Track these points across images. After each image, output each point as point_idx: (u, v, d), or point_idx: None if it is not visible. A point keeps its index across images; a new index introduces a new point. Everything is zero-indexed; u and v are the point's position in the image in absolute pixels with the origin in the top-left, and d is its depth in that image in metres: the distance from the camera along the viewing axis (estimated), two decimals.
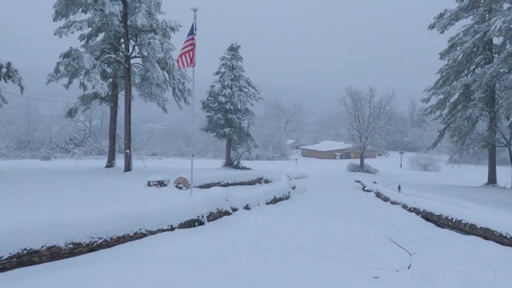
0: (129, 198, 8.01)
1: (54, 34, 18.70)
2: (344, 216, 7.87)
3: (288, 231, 5.95)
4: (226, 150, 33.43)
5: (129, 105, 19.77)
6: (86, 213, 4.38)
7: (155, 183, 10.27)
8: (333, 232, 6.16)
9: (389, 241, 4.89)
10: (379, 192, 11.96)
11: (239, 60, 32.88)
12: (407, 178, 34.90)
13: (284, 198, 9.60)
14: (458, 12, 26.61)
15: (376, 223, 7.25)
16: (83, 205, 6.81)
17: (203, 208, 5.98)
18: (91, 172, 18.34)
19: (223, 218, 6.49)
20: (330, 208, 9.09)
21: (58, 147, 53.58)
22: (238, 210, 7.04)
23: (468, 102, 26.50)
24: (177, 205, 5.57)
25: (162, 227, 5.10)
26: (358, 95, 41.82)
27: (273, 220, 6.68)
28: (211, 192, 6.51)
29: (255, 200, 7.85)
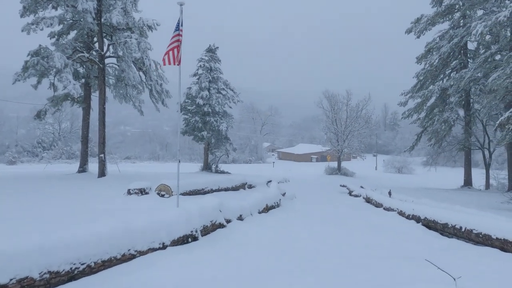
0: (111, 210, 7.25)
1: (22, 31, 17.45)
2: (342, 225, 7.42)
3: (290, 245, 5.41)
4: (204, 154, 32.60)
5: (104, 107, 18.75)
6: (65, 234, 3.68)
7: (136, 191, 9.50)
8: (338, 244, 5.67)
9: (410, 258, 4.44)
10: (369, 198, 11.62)
11: (217, 61, 32.17)
12: (385, 181, 35.22)
13: (276, 206, 9.07)
14: (434, 17, 27.03)
15: (377, 232, 6.84)
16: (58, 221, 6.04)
17: (196, 221, 5.36)
18: (62, 178, 17.19)
19: (217, 231, 5.88)
20: (324, 216, 8.63)
21: (25, 150, 50.90)
22: (232, 222, 6.45)
23: (445, 105, 26.95)
24: (168, 219, 4.93)
25: (153, 245, 4.45)
26: (335, 98, 42.00)
27: (270, 232, 6.13)
28: (204, 203, 5.88)
29: (248, 210, 7.28)
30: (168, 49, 7.69)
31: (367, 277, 3.70)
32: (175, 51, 7.71)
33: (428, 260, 3.47)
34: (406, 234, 6.63)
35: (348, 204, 11.47)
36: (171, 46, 7.68)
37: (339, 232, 6.60)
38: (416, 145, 29.73)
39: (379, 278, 3.64)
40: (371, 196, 11.44)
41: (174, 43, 7.66)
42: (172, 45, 7.69)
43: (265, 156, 73.00)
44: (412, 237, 6.39)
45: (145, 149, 63.14)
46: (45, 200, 9.06)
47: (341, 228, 7.08)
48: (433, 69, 27.04)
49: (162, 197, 10.10)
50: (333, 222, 7.75)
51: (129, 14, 18.89)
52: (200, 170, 32.46)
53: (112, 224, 4.15)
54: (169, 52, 7.60)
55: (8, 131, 56.86)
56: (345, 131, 40.61)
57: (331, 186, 21.24)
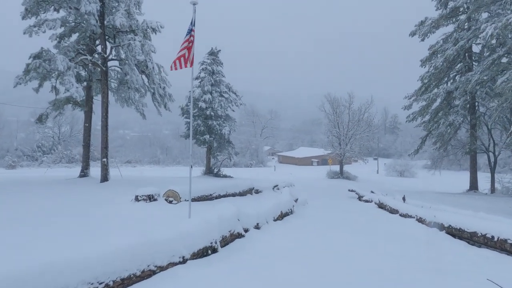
0: (122, 219, 6.91)
1: (24, 33, 17.19)
2: (362, 233, 7.09)
3: (315, 257, 5.08)
4: (206, 158, 32.27)
5: (107, 110, 18.43)
6: (81, 249, 3.35)
7: (144, 198, 9.15)
8: (365, 255, 5.34)
9: (449, 272, 4.12)
10: (382, 203, 11.28)
11: (219, 65, 31.93)
12: (387, 184, 34.85)
13: (289, 212, 8.74)
14: (439, 19, 26.83)
15: (400, 241, 6.51)
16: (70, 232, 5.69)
17: (215, 232, 5.03)
18: (65, 183, 16.83)
19: (235, 242, 5.55)
20: (341, 223, 8.30)
21: (25, 155, 50.44)
22: (249, 231, 6.11)
23: (450, 109, 26.71)
24: (187, 230, 4.60)
25: (173, 259, 4.11)
26: (337, 101, 41.75)
27: (291, 242, 5.80)
28: (221, 211, 5.55)
29: (264, 217, 6.95)
30: (180, 54, 7.37)
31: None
32: (185, 53, 7.39)
33: (491, 280, 3.14)
34: (432, 244, 6.30)
35: (361, 210, 11.12)
36: (183, 52, 7.36)
37: (361, 241, 6.27)
38: (420, 148, 29.44)
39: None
40: (384, 202, 11.10)
41: (186, 44, 7.35)
42: (183, 49, 7.38)
43: (265, 160, 72.61)
44: (439, 247, 6.06)
45: (146, 153, 62.71)
46: (50, 207, 8.71)
47: (362, 236, 6.75)
48: (438, 72, 26.78)
49: (170, 203, 9.76)
50: (352, 230, 7.42)
51: (132, 16, 18.64)
52: (202, 174, 32.12)
53: (130, 237, 3.82)
54: (180, 58, 7.27)
55: (8, 135, 56.40)
56: (347, 134, 40.36)
57: (337, 191, 20.91)
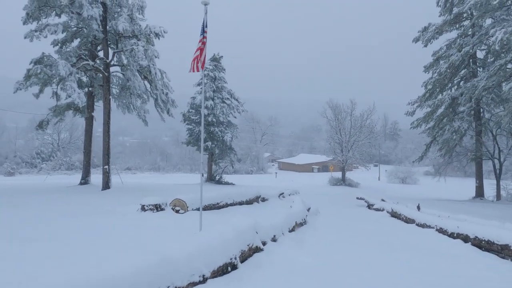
0: (131, 231, 6.51)
1: (25, 38, 16.88)
2: (382, 245, 6.71)
3: (341, 274, 4.69)
4: (208, 165, 31.89)
5: (109, 117, 18.08)
6: (93, 271, 2.97)
7: (151, 207, 8.75)
8: (394, 270, 4.96)
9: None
10: (396, 212, 10.88)
11: (221, 71, 31.72)
12: (390, 191, 34.47)
13: (303, 223, 8.36)
14: (442, 25, 26.66)
15: (425, 254, 6.13)
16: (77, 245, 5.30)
17: (234, 246, 4.65)
18: (65, 191, 16.41)
19: (254, 256, 5.17)
20: (357, 234, 7.92)
21: (24, 161, 49.94)
22: (267, 244, 5.73)
23: (454, 115, 26.44)
24: (205, 245, 4.22)
25: (193, 279, 3.73)
26: (339, 108, 41.54)
27: (312, 256, 5.42)
28: (239, 223, 5.17)
29: (280, 229, 6.57)
30: (196, 55, 7.06)
31: None
32: (197, 54, 7.08)
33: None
34: (461, 257, 5.92)
35: (374, 219, 10.74)
36: (197, 54, 7.06)
37: (383, 255, 5.89)
38: (425, 155, 29.13)
39: None
40: (398, 211, 10.70)
41: (199, 45, 7.04)
42: (197, 51, 7.07)
43: (266, 167, 72.20)
44: (471, 261, 5.68)
45: (145, 159, 62.26)
46: (52, 217, 8.32)
47: (384, 249, 6.37)
48: (442, 78, 26.53)
49: (177, 212, 9.37)
50: (371, 242, 7.04)
51: (135, 21, 18.37)
52: (204, 181, 31.75)
53: (147, 255, 3.45)
54: (196, 58, 6.97)
55: (7, 141, 55.95)
56: (349, 140, 40.08)
57: (343, 198, 20.52)
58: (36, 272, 3.66)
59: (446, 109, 26.53)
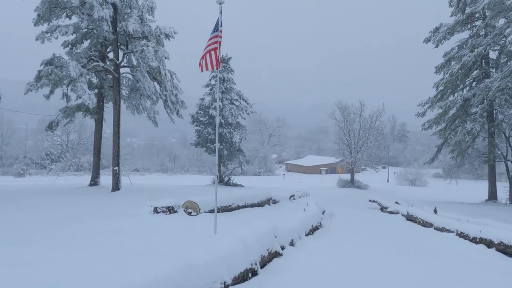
0: (146, 235, 6.37)
1: (36, 40, 16.95)
2: (403, 250, 6.51)
3: (366, 282, 4.49)
4: (216, 166, 31.74)
5: (119, 118, 18.05)
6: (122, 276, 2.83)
7: (164, 210, 8.62)
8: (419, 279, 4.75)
9: None
10: (412, 215, 10.63)
11: (230, 72, 31.61)
12: (400, 193, 34.08)
13: (319, 226, 8.16)
14: (454, 26, 26.32)
15: (449, 259, 5.91)
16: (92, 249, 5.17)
17: (254, 251, 4.49)
18: (75, 192, 16.39)
19: (273, 261, 4.99)
20: (375, 238, 7.70)
21: (33, 162, 50.30)
22: (285, 248, 5.56)
23: (466, 116, 26.03)
24: (225, 250, 4.05)
25: (215, 286, 3.57)
26: (348, 109, 41.23)
27: (333, 262, 5.23)
28: (258, 227, 5.01)
29: (297, 233, 6.39)
30: (205, 51, 6.92)
31: None
32: (212, 54, 6.93)
33: None
34: (488, 264, 5.69)
35: (390, 223, 10.49)
36: (208, 49, 6.91)
37: (407, 261, 5.68)
38: (436, 157, 28.72)
39: None
40: (415, 214, 10.44)
41: (212, 45, 6.89)
42: (209, 47, 6.92)
43: (273, 168, 71.95)
44: (499, 268, 5.45)
45: (153, 161, 62.36)
46: (63, 219, 8.22)
47: (406, 255, 6.16)
48: (454, 78, 26.13)
49: (189, 214, 9.24)
50: (391, 247, 6.83)
51: (145, 23, 18.34)
52: (212, 183, 31.61)
53: (168, 262, 3.29)
54: (205, 56, 6.82)
55: (17, 142, 56.38)
56: (358, 142, 39.72)
57: (354, 200, 20.26)
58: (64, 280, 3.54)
59: (458, 111, 26.12)
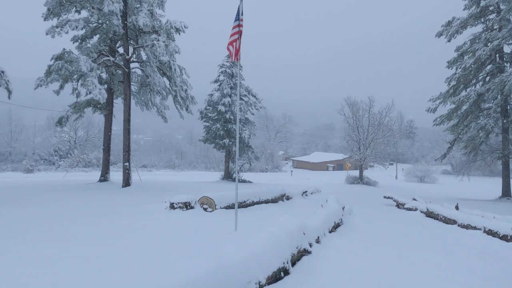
0: (167, 231, 6.17)
1: (46, 34, 16.79)
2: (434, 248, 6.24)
3: (407, 284, 4.24)
4: (225, 162, 31.61)
5: (129, 113, 17.89)
6: (163, 277, 2.61)
7: (180, 205, 8.42)
8: (470, 281, 4.49)
9: None
10: (432, 212, 10.33)
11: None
12: (410, 190, 33.64)
13: (340, 223, 7.92)
14: (467, 19, 25.84)
15: (489, 260, 5.63)
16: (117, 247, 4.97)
17: (285, 249, 4.26)
18: (86, 188, 16.29)
19: (302, 260, 4.77)
20: (401, 235, 7.45)
21: (42, 159, 50.48)
22: (313, 246, 5.33)
23: (480, 112, 25.55)
24: (257, 248, 3.83)
25: (249, 286, 3.35)
26: (357, 105, 40.80)
27: (364, 261, 4.99)
28: (287, 224, 4.78)
29: (321, 230, 6.16)
30: (232, 39, 6.70)
31: None
32: (234, 44, 6.71)
33: None
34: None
35: (410, 219, 10.20)
36: (233, 38, 6.69)
37: (443, 261, 5.43)
38: (448, 153, 28.29)
39: None
40: (435, 211, 10.14)
41: (234, 36, 6.67)
42: (234, 36, 6.70)
43: (280, 165, 71.69)
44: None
45: (161, 157, 62.37)
46: (82, 216, 8.06)
47: (440, 253, 5.90)
48: (467, 73, 25.65)
49: (205, 211, 9.04)
50: (422, 245, 6.57)
51: (155, 17, 18.13)
52: (220, 179, 31.46)
53: (204, 261, 3.08)
54: (233, 43, 6.61)
55: (25, 139, 56.63)
56: (367, 138, 39.30)
57: (367, 197, 19.96)
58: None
59: (471, 106, 25.65)
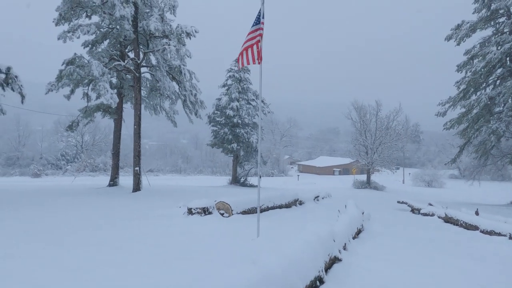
0: (191, 238, 6.07)
1: (58, 39, 16.89)
2: (466, 256, 6.09)
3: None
4: (233, 167, 31.51)
5: (139, 117, 17.87)
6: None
7: (199, 211, 8.32)
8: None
9: None
10: (451, 217, 10.14)
11: (246, 72, 31.31)
12: (417, 195, 33.36)
13: (361, 229, 7.79)
14: (478, 22, 25.70)
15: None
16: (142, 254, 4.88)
17: (320, 256, 4.15)
18: (96, 193, 16.25)
19: (334, 268, 4.65)
20: (425, 241, 7.29)
21: (49, 163, 50.67)
22: (341, 253, 5.20)
23: (490, 115, 25.32)
24: (294, 255, 3.72)
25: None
26: (364, 109, 40.60)
27: (401, 270, 4.85)
28: (318, 230, 4.66)
29: (346, 236, 6.03)
30: (246, 46, 6.60)
31: None
32: (254, 48, 6.61)
33: None
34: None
35: (429, 225, 10.01)
36: (249, 43, 6.59)
37: (475, 267, 5.29)
38: (458, 157, 28.03)
39: None
40: (455, 216, 9.94)
41: (254, 39, 6.57)
42: (250, 42, 6.60)
43: (286, 169, 71.48)
44: None
45: (167, 161, 62.42)
46: (98, 222, 7.98)
47: (469, 260, 5.75)
48: (477, 77, 25.47)
49: (222, 215, 8.93)
50: (446, 251, 6.42)
51: (165, 21, 18.16)
52: (228, 183, 31.36)
53: (245, 269, 2.97)
54: (251, 48, 6.50)
55: (32, 143, 56.90)
56: (375, 143, 39.05)
57: (377, 202, 19.77)
58: None
59: (482, 109, 25.42)
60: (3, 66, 12.52)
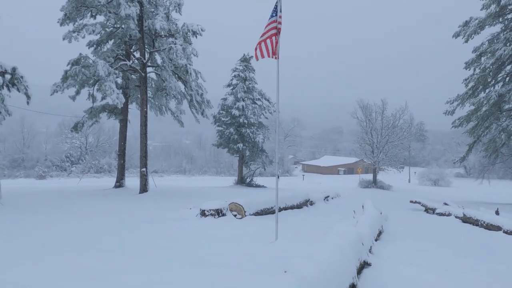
0: (211, 241, 5.80)
1: (63, 39, 16.69)
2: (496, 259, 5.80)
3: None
4: (239, 167, 31.25)
5: (146, 118, 17.64)
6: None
7: (212, 212, 8.06)
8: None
9: None
10: (470, 217, 9.85)
11: (251, 71, 31.04)
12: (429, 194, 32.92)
13: (382, 230, 7.50)
14: (486, 19, 25.31)
15: None
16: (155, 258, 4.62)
17: (352, 261, 3.87)
18: (103, 194, 16.02)
19: (364, 273, 4.37)
20: (445, 242, 7.00)
21: (54, 165, 50.60)
22: (369, 256, 4.92)
23: (500, 113, 24.93)
24: (328, 260, 3.44)
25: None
26: (370, 108, 40.25)
27: (433, 275, 4.57)
28: (347, 234, 4.39)
29: (370, 238, 5.75)
30: (263, 38, 6.33)
31: None
32: (268, 41, 6.33)
33: None
34: None
35: (446, 225, 9.72)
36: (266, 35, 6.32)
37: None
38: (467, 156, 27.63)
39: None
40: (474, 216, 9.64)
41: (270, 31, 6.30)
42: (267, 34, 6.33)
43: (291, 169, 71.15)
44: None
45: (171, 162, 62.25)
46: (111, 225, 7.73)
47: (502, 264, 5.46)
48: (486, 74, 25.08)
49: (235, 217, 8.66)
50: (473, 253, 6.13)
51: (171, 20, 17.93)
52: (234, 184, 31.09)
53: (284, 278, 2.70)
54: (265, 41, 6.23)
55: (37, 145, 56.87)
56: (381, 141, 38.68)
57: (387, 201, 19.45)
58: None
59: (492, 107, 25.04)
60: (9, 66, 12.30)
